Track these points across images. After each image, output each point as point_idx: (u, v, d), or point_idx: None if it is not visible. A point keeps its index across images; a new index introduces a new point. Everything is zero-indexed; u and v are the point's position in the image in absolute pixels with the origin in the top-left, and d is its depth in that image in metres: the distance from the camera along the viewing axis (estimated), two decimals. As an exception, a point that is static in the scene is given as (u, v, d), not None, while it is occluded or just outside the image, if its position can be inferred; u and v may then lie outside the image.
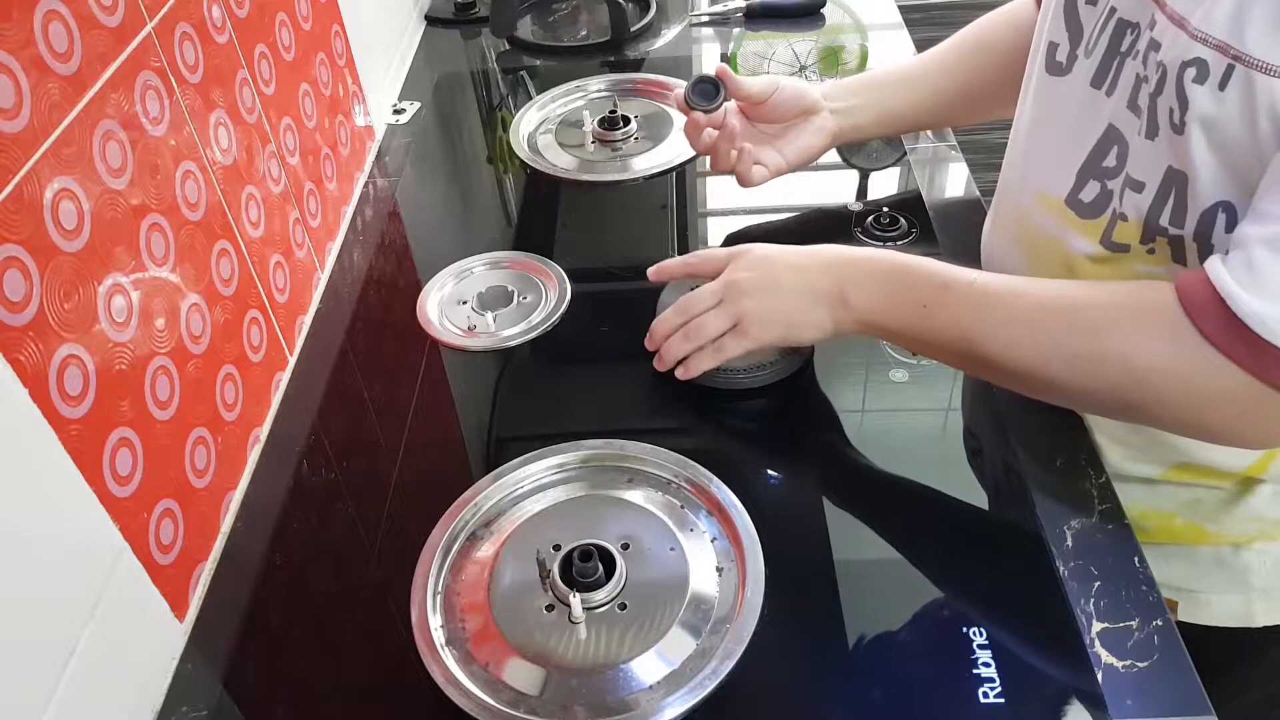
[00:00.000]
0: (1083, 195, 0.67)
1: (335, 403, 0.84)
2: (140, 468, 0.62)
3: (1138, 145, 0.62)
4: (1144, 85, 0.60)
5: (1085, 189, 0.67)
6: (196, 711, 0.63)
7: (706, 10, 1.38)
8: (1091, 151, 0.66)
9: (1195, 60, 0.55)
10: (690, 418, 0.80)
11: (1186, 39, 0.55)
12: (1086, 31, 0.65)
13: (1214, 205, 0.58)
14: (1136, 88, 0.61)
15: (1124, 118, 0.63)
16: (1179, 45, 0.56)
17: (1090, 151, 0.66)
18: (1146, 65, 0.60)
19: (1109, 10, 0.63)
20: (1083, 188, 0.67)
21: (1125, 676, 0.59)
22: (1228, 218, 0.58)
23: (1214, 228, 0.58)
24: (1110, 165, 0.65)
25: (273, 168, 0.86)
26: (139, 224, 0.64)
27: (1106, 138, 0.64)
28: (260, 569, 0.71)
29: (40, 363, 0.54)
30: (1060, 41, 0.67)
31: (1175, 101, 0.57)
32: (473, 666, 0.63)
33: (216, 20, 0.77)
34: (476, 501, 0.72)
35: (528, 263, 0.95)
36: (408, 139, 1.15)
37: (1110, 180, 0.65)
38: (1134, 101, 0.61)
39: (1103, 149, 0.65)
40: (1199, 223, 0.59)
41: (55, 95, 0.56)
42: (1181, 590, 0.76)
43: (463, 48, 1.37)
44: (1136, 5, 0.61)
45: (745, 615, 0.63)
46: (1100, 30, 0.64)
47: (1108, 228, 0.66)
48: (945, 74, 0.88)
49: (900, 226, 0.89)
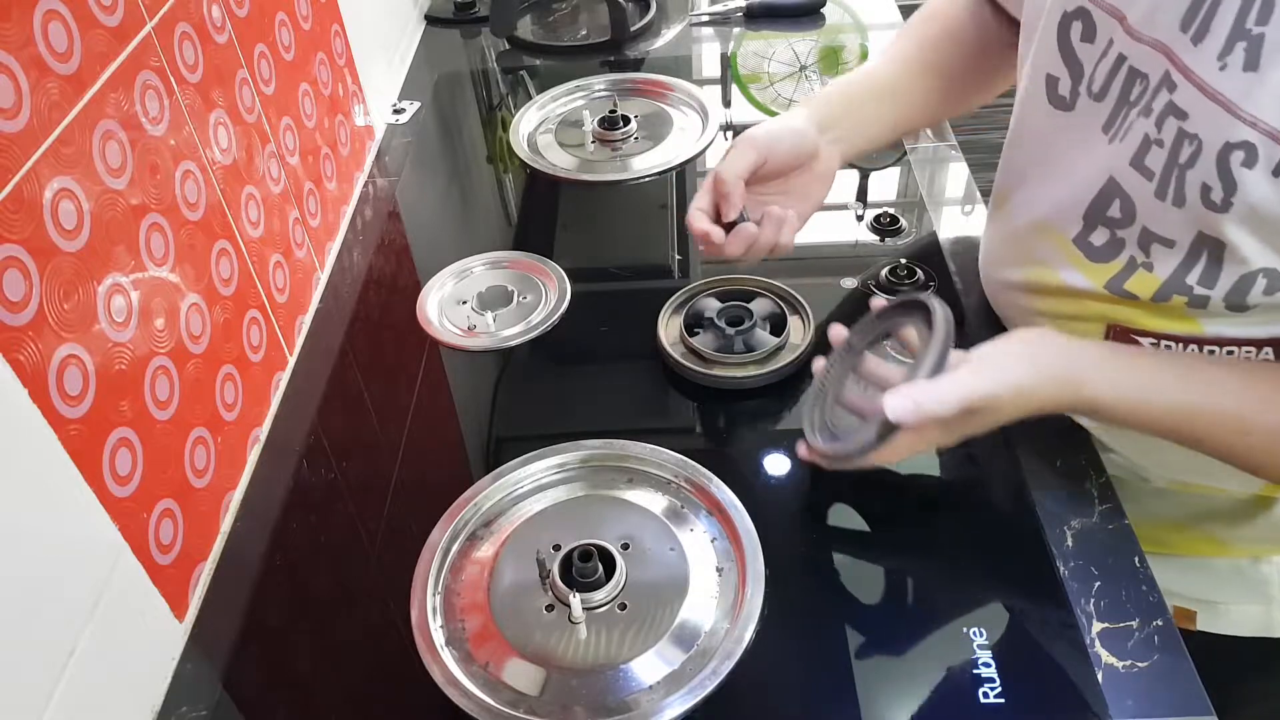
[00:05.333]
0: (1093, 239, 0.65)
1: (335, 403, 0.84)
2: (140, 468, 0.62)
3: (1150, 205, 0.60)
4: (1155, 149, 0.58)
5: (1095, 233, 0.65)
6: (196, 711, 0.63)
7: (706, 10, 1.38)
8: (1095, 199, 0.64)
9: (1243, 144, 0.52)
10: (690, 418, 0.80)
11: (1230, 120, 0.53)
12: (1087, 70, 0.63)
13: (1255, 271, 0.57)
14: (1144, 148, 0.59)
15: (1127, 175, 0.61)
16: (1220, 126, 0.53)
17: (1094, 199, 0.64)
18: (1162, 129, 0.57)
19: (1117, 57, 0.60)
20: (1092, 232, 0.65)
21: (1125, 676, 0.59)
22: (1269, 282, 0.57)
23: (1251, 290, 0.58)
24: (1116, 216, 0.63)
25: (272, 167, 0.86)
26: (138, 224, 0.64)
27: (1108, 188, 0.63)
28: (260, 569, 0.71)
29: (40, 363, 0.54)
30: (1060, 75, 0.65)
31: (1218, 181, 0.54)
32: (473, 666, 0.63)
33: (216, 20, 0.77)
34: (476, 501, 0.72)
35: (528, 263, 0.95)
36: (407, 139, 1.15)
37: (1120, 230, 0.63)
38: (1140, 161, 0.59)
39: (1105, 198, 0.63)
40: (1234, 286, 0.58)
41: (55, 95, 0.56)
42: (1200, 601, 0.76)
43: (463, 47, 1.37)
44: (1146, 56, 0.58)
45: (745, 615, 0.63)
46: (1110, 76, 0.61)
47: (1120, 274, 0.64)
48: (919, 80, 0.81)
49: (917, 278, 0.89)
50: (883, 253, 0.93)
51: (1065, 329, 0.70)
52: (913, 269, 0.89)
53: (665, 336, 0.84)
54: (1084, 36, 0.62)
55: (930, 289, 0.88)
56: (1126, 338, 0.67)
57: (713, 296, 0.86)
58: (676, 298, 0.87)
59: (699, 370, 0.80)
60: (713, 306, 0.85)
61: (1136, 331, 0.66)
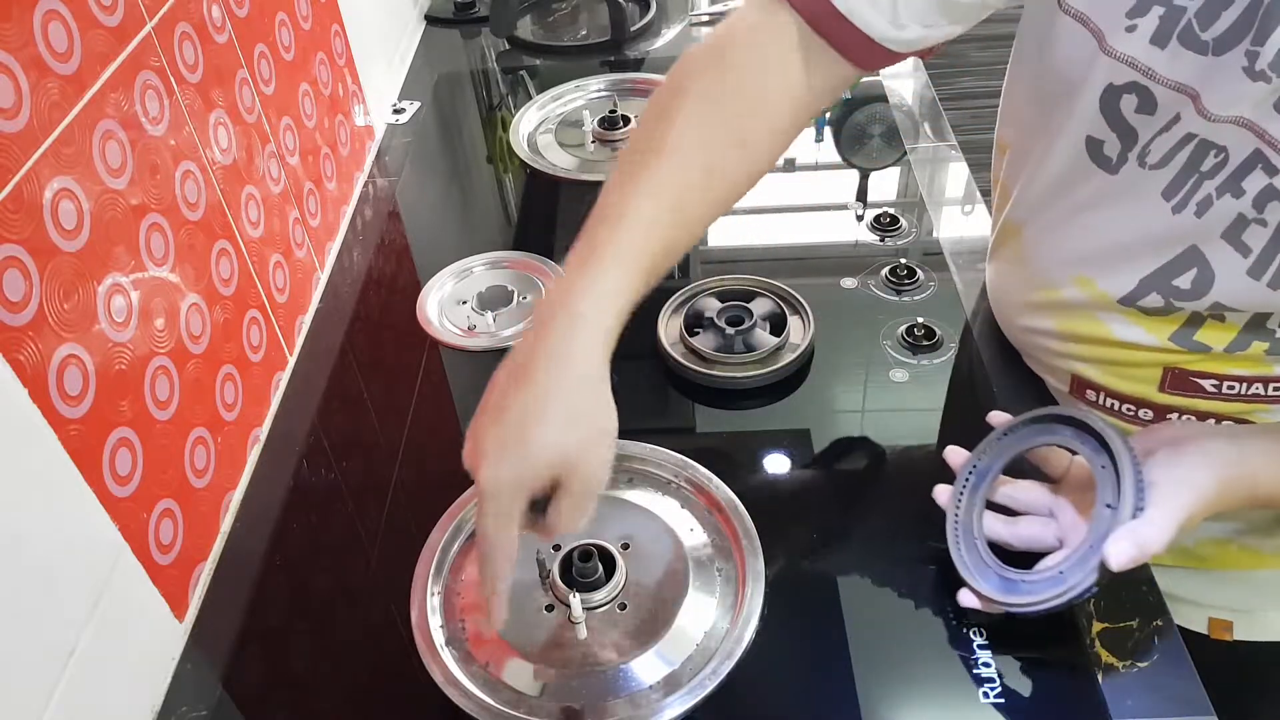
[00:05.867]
0: (1144, 303, 0.62)
1: (335, 403, 0.84)
2: (140, 468, 0.62)
3: (1238, 280, 0.57)
4: (1256, 227, 0.55)
5: (1149, 298, 0.62)
6: (196, 711, 0.63)
7: (706, 10, 1.38)
8: (1163, 267, 0.60)
9: None
10: (690, 418, 0.80)
11: None
12: (1142, 138, 0.58)
13: None
14: (1239, 225, 0.56)
15: (1217, 248, 0.57)
16: None
17: (1161, 266, 0.60)
18: (1265, 211, 0.54)
19: (1186, 135, 0.56)
20: (1145, 295, 0.62)
21: (1125, 676, 0.59)
22: None
23: None
24: (1184, 287, 0.60)
25: (272, 167, 0.85)
26: (138, 224, 0.64)
27: (1184, 258, 0.59)
28: (260, 569, 0.71)
29: (40, 363, 0.54)
30: (1105, 139, 0.59)
31: None
32: (472, 666, 0.63)
33: (216, 20, 0.77)
34: (476, 501, 0.71)
35: (528, 263, 0.95)
36: (407, 139, 1.15)
37: (1181, 300, 0.60)
38: (1237, 238, 0.56)
39: (1176, 268, 0.60)
40: None
41: (55, 95, 0.56)
42: (1238, 611, 0.74)
43: (463, 47, 1.37)
44: (1228, 133, 0.53)
45: (745, 615, 0.63)
46: (1175, 149, 0.56)
47: (1186, 327, 0.62)
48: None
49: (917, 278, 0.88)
50: (883, 253, 0.93)
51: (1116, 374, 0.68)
52: (913, 269, 0.89)
53: (665, 336, 0.84)
54: (1141, 109, 0.57)
55: (931, 287, 0.88)
56: (1185, 381, 0.64)
57: (713, 296, 0.86)
58: (676, 298, 0.87)
59: (699, 370, 0.80)
60: (713, 306, 0.85)
61: (1198, 375, 0.64)
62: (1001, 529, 0.62)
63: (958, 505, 0.64)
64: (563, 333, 0.52)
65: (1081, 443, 0.59)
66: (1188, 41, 0.52)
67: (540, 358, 0.51)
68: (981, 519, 0.63)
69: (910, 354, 0.82)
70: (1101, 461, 0.57)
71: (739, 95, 0.60)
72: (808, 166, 1.08)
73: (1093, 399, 0.70)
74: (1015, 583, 0.59)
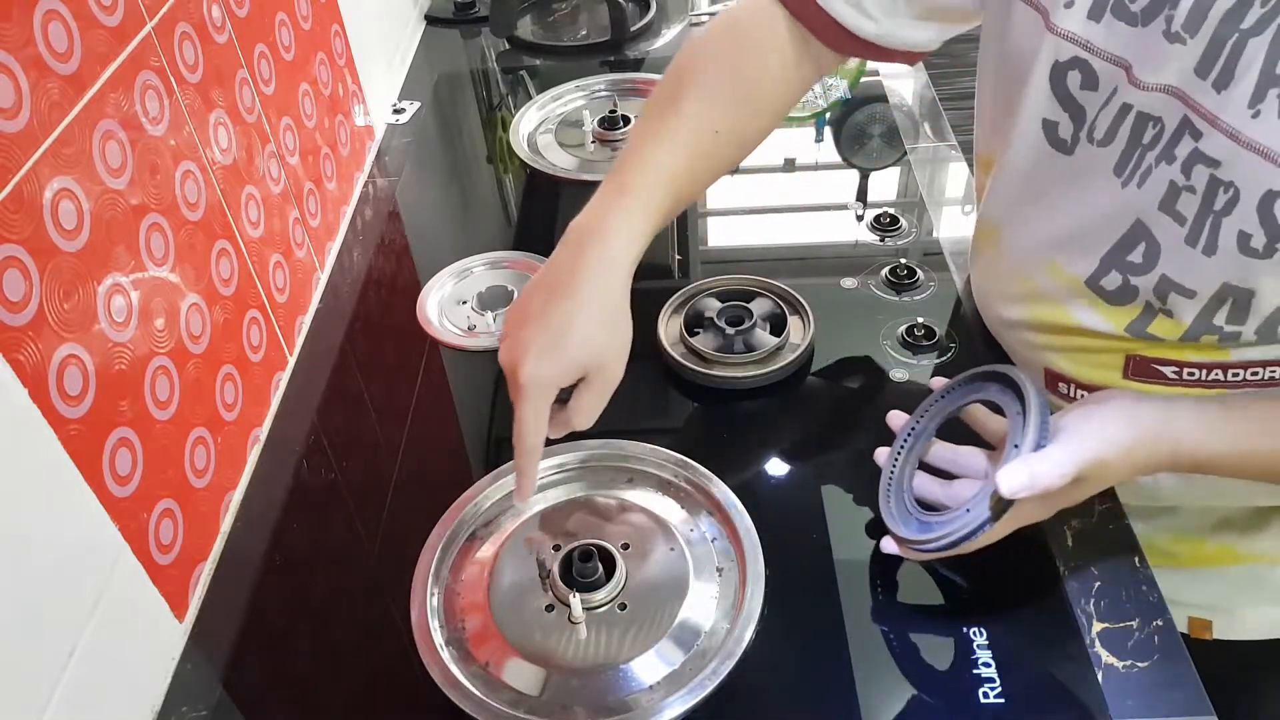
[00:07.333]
0: (1105, 282, 0.64)
1: (335, 403, 0.84)
2: (140, 468, 0.62)
3: (1177, 252, 0.59)
4: (1187, 194, 0.57)
5: (1109, 277, 0.64)
6: (196, 711, 0.63)
7: (706, 10, 1.38)
8: (1117, 242, 0.62)
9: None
10: (690, 418, 0.80)
11: (1270, 168, 0.52)
12: (1089, 115, 0.61)
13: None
14: (1173, 194, 0.57)
15: (1155, 219, 0.59)
16: (1259, 174, 0.53)
17: (1116, 242, 0.63)
18: (1191, 176, 0.56)
19: (1122, 105, 0.58)
20: (1106, 274, 0.64)
21: (1125, 676, 0.59)
22: None
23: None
24: (1136, 261, 0.62)
25: (272, 167, 0.86)
26: (138, 224, 0.64)
27: (1133, 232, 0.61)
28: (260, 569, 0.71)
29: (40, 363, 0.54)
30: (1059, 120, 0.63)
31: (1259, 229, 0.54)
32: (472, 666, 0.63)
33: (216, 20, 0.77)
34: (476, 501, 0.72)
35: (528, 263, 0.95)
36: (407, 139, 1.15)
37: (1136, 276, 0.62)
38: (1171, 207, 0.58)
39: (1128, 243, 0.62)
40: (1264, 322, 0.58)
41: (55, 95, 0.56)
42: (1216, 609, 0.75)
43: (463, 47, 1.37)
44: (1158, 103, 0.56)
45: (745, 615, 0.63)
46: (1116, 121, 0.59)
47: (1140, 319, 0.64)
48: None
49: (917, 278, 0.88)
50: (883, 253, 0.93)
51: (1083, 362, 0.69)
52: (913, 269, 0.89)
53: (665, 336, 0.84)
54: (1084, 85, 0.60)
55: (931, 287, 0.88)
56: (1147, 368, 0.66)
57: (713, 296, 0.86)
58: (676, 298, 0.87)
59: (699, 370, 0.80)
60: (713, 306, 0.85)
61: (1158, 361, 0.65)
62: (938, 490, 0.65)
63: (894, 464, 0.67)
64: (599, 260, 0.62)
65: (1004, 395, 0.63)
66: (1119, 13, 0.56)
67: (580, 277, 0.61)
68: (913, 475, 0.66)
69: (910, 354, 0.82)
70: (1016, 409, 0.60)
71: (745, 68, 0.71)
72: (808, 166, 1.08)
73: (1064, 391, 0.72)
74: (929, 524, 0.62)
